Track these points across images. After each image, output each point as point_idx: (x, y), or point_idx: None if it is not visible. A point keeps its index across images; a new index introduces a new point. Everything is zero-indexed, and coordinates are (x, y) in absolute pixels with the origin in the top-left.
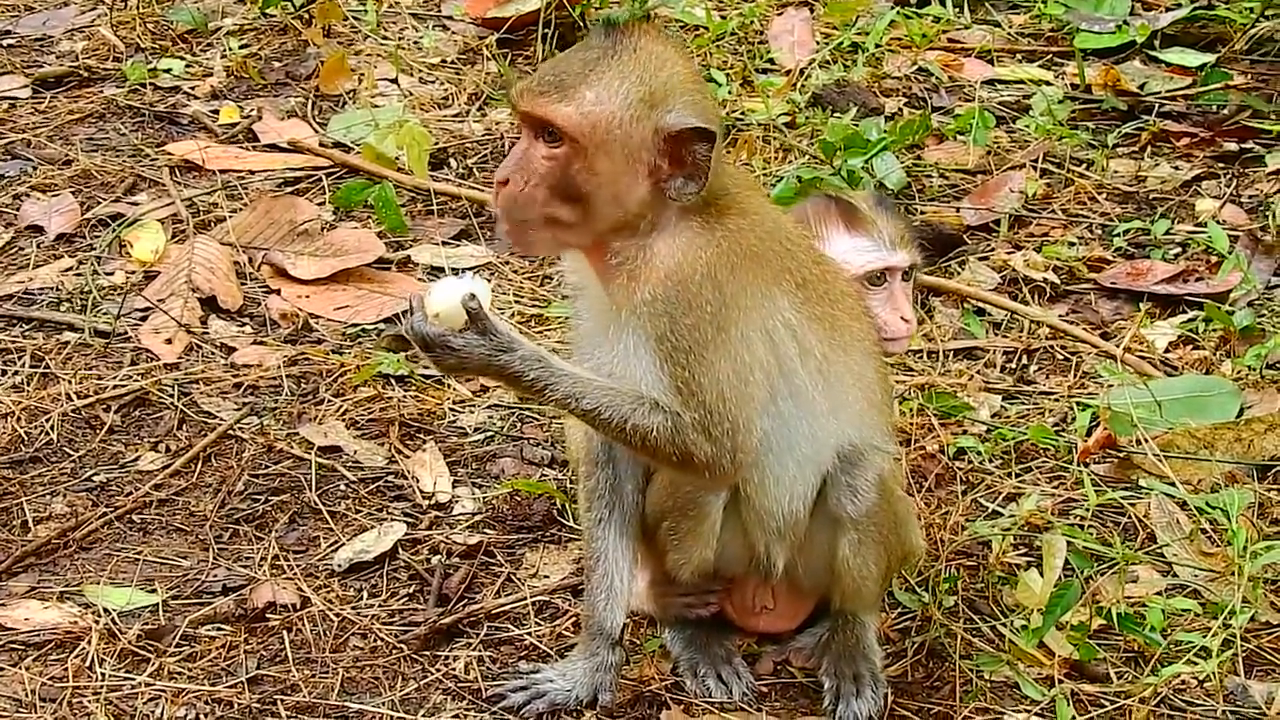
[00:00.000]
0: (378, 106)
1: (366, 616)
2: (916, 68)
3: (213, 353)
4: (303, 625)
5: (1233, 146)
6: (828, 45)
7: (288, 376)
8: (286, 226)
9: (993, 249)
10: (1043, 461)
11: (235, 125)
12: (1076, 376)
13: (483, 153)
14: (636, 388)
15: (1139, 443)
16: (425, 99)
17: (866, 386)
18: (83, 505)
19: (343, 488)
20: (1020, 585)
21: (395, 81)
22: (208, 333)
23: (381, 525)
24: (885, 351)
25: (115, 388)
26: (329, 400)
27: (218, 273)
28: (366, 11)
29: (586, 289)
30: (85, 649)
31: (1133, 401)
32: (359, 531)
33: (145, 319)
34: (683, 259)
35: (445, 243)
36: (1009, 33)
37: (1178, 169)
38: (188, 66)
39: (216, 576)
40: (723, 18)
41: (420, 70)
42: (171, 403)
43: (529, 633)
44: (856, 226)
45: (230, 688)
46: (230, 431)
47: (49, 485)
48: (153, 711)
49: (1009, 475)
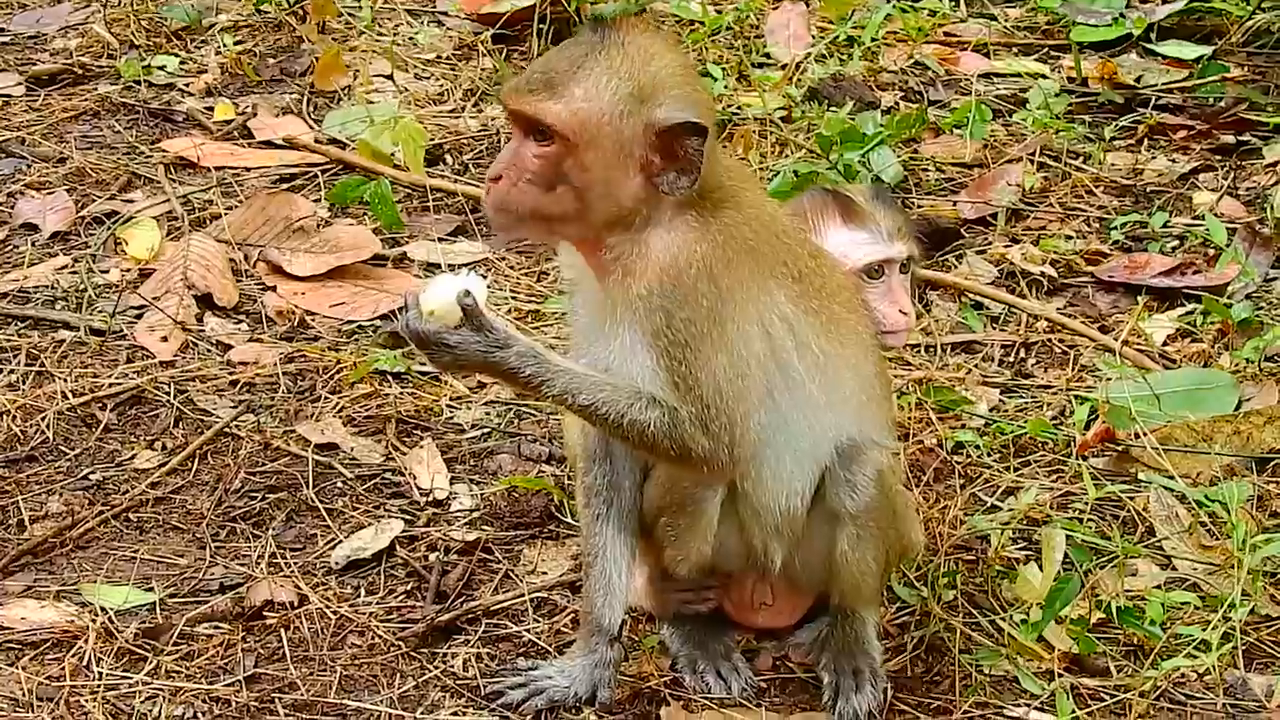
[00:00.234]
0: (373, 103)
1: (364, 614)
2: (913, 61)
3: (209, 350)
4: (300, 623)
5: (1230, 139)
6: (824, 39)
7: (284, 374)
8: (282, 223)
9: (990, 243)
10: (1041, 455)
11: (230, 122)
12: (1074, 370)
13: (479, 148)
14: (633, 383)
15: (1137, 436)
16: (421, 95)
17: (864, 380)
18: (79, 504)
19: (340, 485)
20: (1019, 579)
21: (390, 77)
22: (204, 330)
23: (379, 522)
24: (884, 345)
25: (111, 386)
26: (326, 397)
27: (213, 270)
28: (361, 7)
29: (582, 284)
30: (82, 648)
31: (1131, 395)
32: (356, 529)
33: (141, 317)
34: (678, 253)
35: (441, 239)
36: (1005, 26)
37: (1175, 162)
38: (182, 63)
39: (214, 575)
40: (719, 12)
41: (415, 66)
42: (168, 401)
43: (527, 629)
44: (854, 220)
45: (228, 686)
46: (227, 429)
47: (45, 484)
48: (150, 710)
49: (1008, 469)
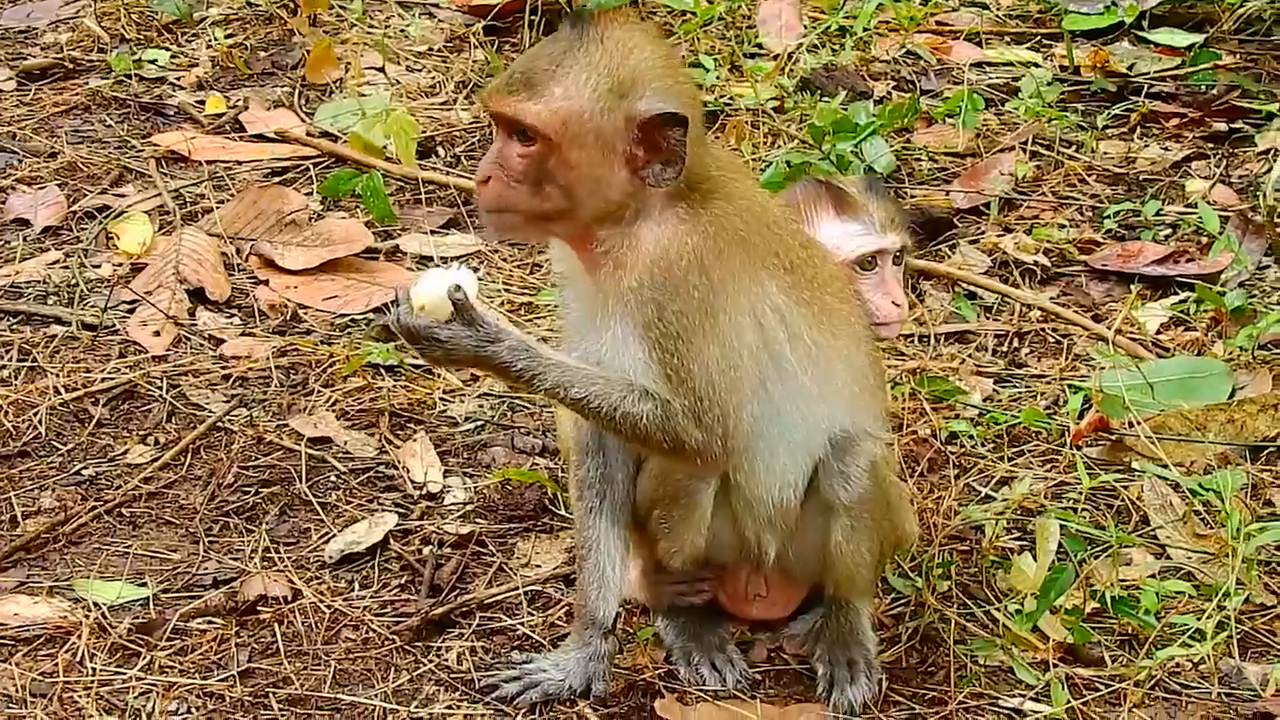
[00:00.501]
0: (365, 95)
1: (358, 608)
2: (905, 51)
3: (201, 344)
4: (294, 618)
5: (1222, 126)
6: (816, 29)
7: (277, 368)
8: (274, 217)
9: (983, 232)
10: (1035, 445)
11: (221, 116)
12: (1068, 359)
13: (470, 141)
14: (625, 375)
15: (1131, 425)
16: (412, 87)
17: (857, 371)
18: (72, 499)
19: (333, 479)
20: (1014, 569)
21: (382, 70)
22: (196, 324)
23: (372, 516)
24: (877, 336)
25: (103, 381)
26: (318, 391)
27: (205, 264)
28: (352, 0)
29: (573, 278)
30: (76, 644)
31: (1125, 384)
32: (350, 523)
33: (133, 311)
34: (668, 245)
35: (434, 231)
36: (997, 15)
37: (1167, 150)
38: (173, 57)
39: (207, 569)
40: (710, 2)
41: (407, 58)
42: (160, 395)
43: (521, 623)
44: (846, 211)
45: (222, 681)
46: (219, 424)
47: (37, 479)
48: (144, 706)
49: (1001, 459)
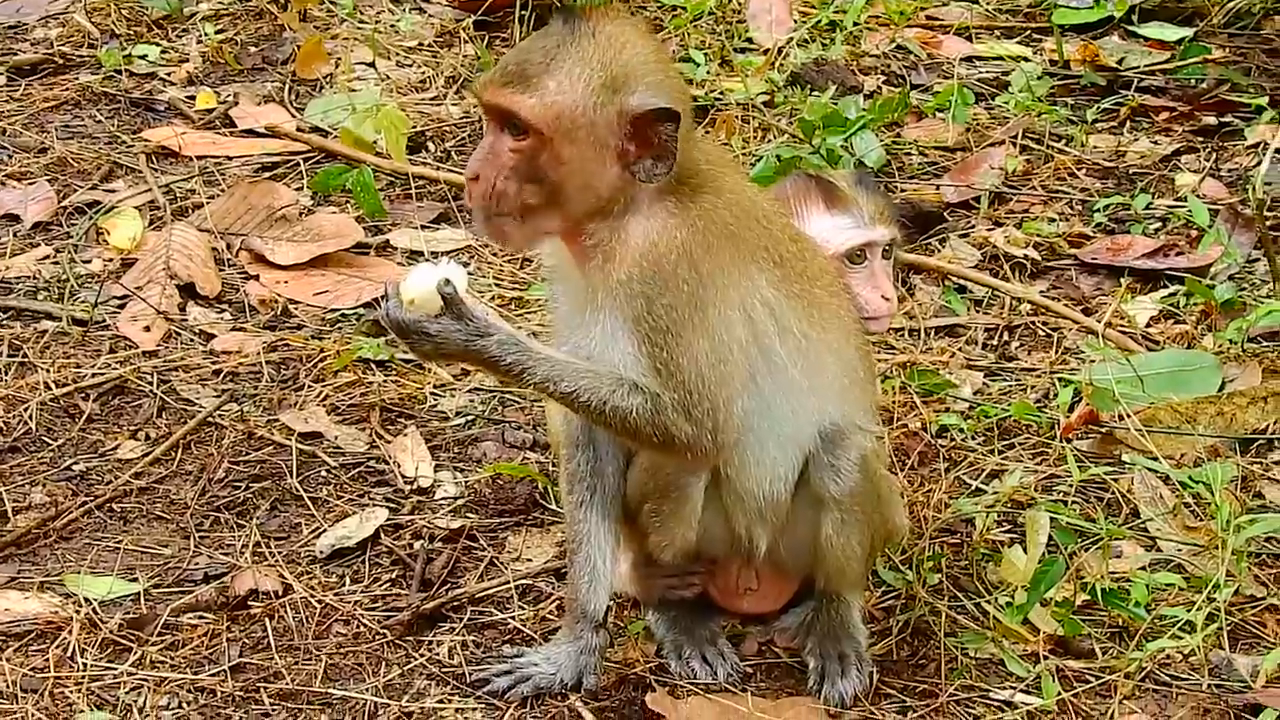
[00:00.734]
0: (355, 91)
1: (349, 603)
2: (895, 45)
3: (192, 340)
4: (285, 612)
5: (1212, 120)
6: (806, 24)
7: (267, 363)
8: (264, 212)
9: (973, 226)
10: (1025, 438)
11: (212, 111)
12: (1058, 353)
13: (461, 136)
14: (615, 369)
15: (1121, 418)
16: (402, 82)
17: (847, 365)
18: (62, 495)
19: (324, 474)
20: (1004, 562)
21: (372, 65)
22: (186, 320)
23: (363, 511)
24: (867, 330)
25: (94, 376)
26: (309, 386)
27: (196, 259)
28: None
29: (563, 272)
30: (67, 639)
31: (1115, 377)
32: (341, 517)
33: (123, 307)
34: (658, 239)
35: (424, 226)
36: (987, 9)
37: (1157, 143)
38: (163, 52)
39: (198, 565)
40: None
41: (397, 54)
42: (151, 390)
43: (512, 617)
44: (836, 205)
45: (213, 676)
46: (210, 419)
47: (28, 475)
48: (135, 701)
49: (992, 452)
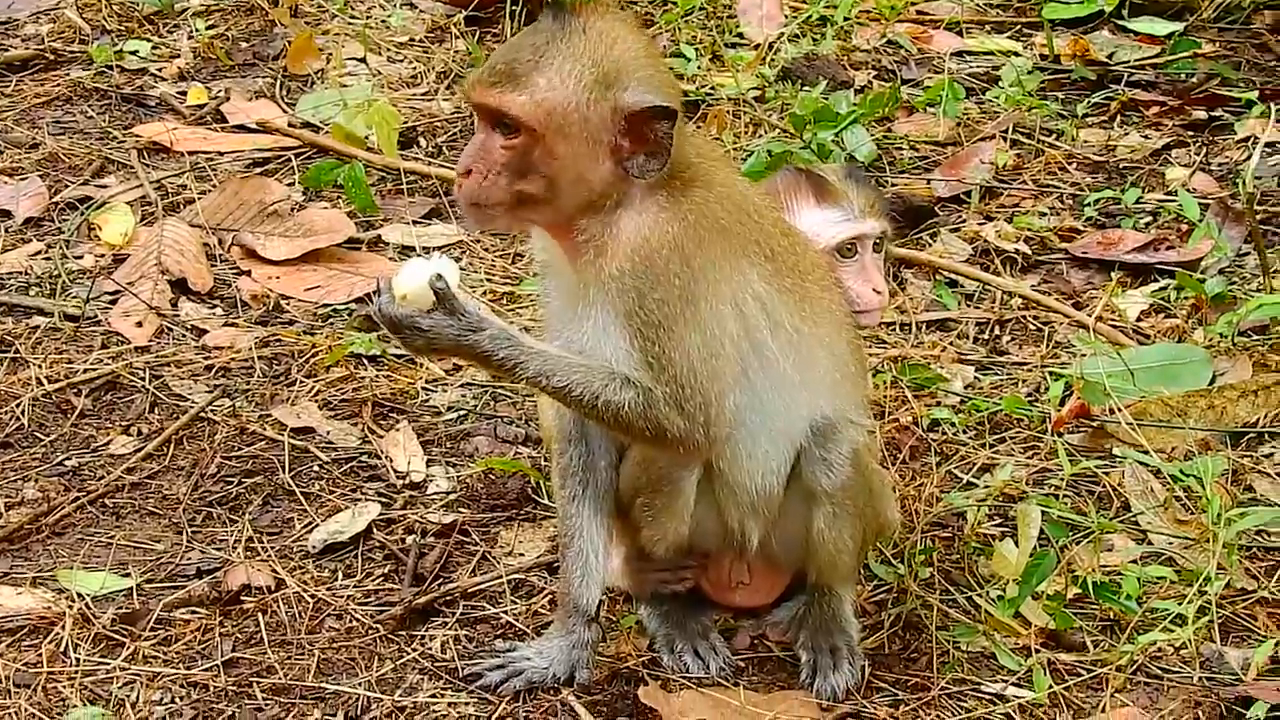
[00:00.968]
0: (346, 86)
1: (342, 597)
2: (885, 40)
3: (184, 335)
4: (278, 607)
5: (1202, 114)
6: (796, 19)
7: (259, 358)
8: (256, 207)
9: (964, 220)
10: (1017, 432)
11: (203, 106)
12: (1049, 347)
13: (452, 131)
14: (607, 364)
15: (1112, 412)
16: (394, 78)
17: (838, 359)
18: (55, 490)
19: (316, 469)
20: (996, 556)
21: (364, 61)
22: (178, 315)
23: (356, 506)
24: (858, 324)
25: (86, 372)
26: (301, 381)
27: (187, 255)
28: None
29: (555, 267)
30: (59, 634)
31: (1105, 370)
32: (333, 512)
33: (115, 302)
34: (649, 234)
35: (415, 222)
36: (977, 4)
37: (1147, 138)
38: (154, 48)
39: (190, 559)
40: None
41: (388, 49)
42: (143, 386)
43: (505, 611)
44: (826, 198)
45: (206, 671)
46: (202, 414)
47: (20, 470)
48: (128, 696)
49: (983, 446)
